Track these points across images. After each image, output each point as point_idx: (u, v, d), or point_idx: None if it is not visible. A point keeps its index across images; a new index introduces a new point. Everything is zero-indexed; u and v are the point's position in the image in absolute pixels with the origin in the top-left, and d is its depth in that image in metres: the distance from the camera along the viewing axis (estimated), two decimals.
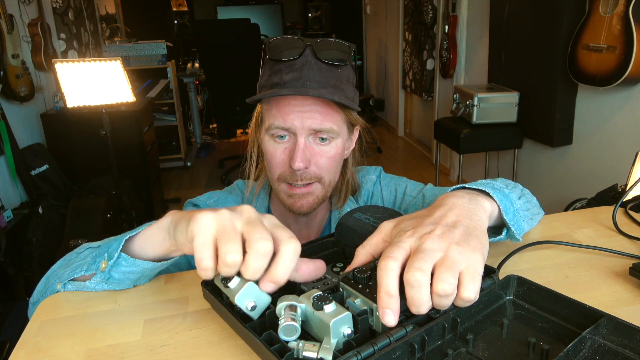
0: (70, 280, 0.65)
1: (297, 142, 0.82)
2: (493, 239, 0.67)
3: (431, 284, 0.45)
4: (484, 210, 0.58)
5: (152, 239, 0.60)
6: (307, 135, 0.82)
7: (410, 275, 0.45)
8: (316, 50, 0.81)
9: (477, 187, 0.64)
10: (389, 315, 0.45)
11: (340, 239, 0.66)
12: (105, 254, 0.62)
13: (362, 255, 0.55)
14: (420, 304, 0.45)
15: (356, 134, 0.94)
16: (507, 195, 0.67)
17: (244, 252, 0.48)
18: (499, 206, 0.63)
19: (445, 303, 0.45)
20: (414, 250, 0.48)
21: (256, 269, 0.47)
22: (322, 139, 0.84)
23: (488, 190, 0.63)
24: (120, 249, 0.60)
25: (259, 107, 0.90)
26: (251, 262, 0.47)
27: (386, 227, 0.55)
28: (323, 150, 0.84)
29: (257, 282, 0.49)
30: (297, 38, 0.82)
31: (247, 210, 0.51)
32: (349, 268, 0.55)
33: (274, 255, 0.48)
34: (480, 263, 0.47)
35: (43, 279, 0.71)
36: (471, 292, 0.45)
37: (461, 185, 0.65)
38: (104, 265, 0.61)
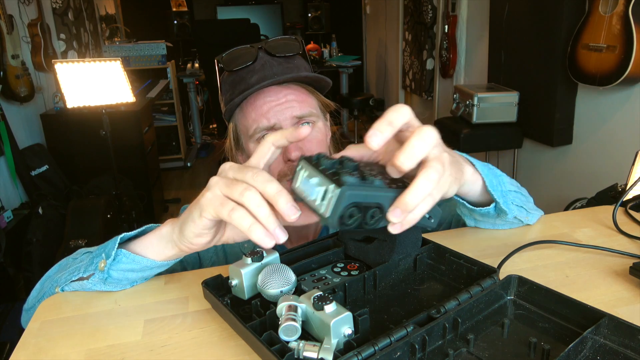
0: (69, 282, 0.65)
1: None
2: (481, 209, 0.69)
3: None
4: (467, 164, 0.62)
5: (154, 248, 0.62)
6: (292, 125, 0.84)
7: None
8: (269, 49, 0.85)
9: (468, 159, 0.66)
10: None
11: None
12: (103, 254, 0.62)
13: None
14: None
15: (329, 119, 0.95)
16: (497, 175, 0.69)
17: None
18: (483, 179, 0.65)
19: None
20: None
21: (273, 189, 0.49)
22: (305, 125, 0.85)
23: (474, 162, 0.65)
24: (116, 247, 0.61)
25: (231, 126, 0.91)
26: (265, 187, 0.49)
27: None
28: (310, 136, 0.86)
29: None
30: (246, 46, 0.86)
31: (227, 165, 0.54)
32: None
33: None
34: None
35: (37, 285, 0.71)
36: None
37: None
38: (102, 265, 0.61)
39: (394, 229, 0.47)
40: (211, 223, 0.54)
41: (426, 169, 0.46)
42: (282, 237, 0.49)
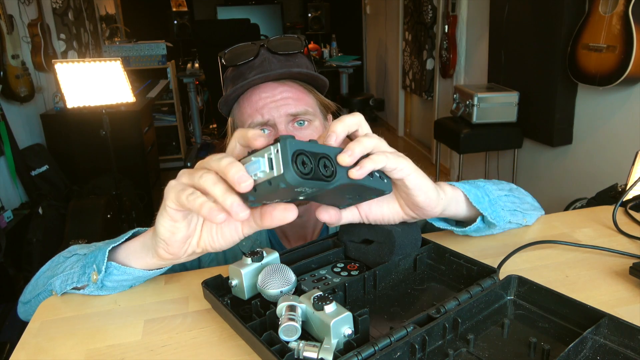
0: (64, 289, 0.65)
1: (279, 131, 0.83)
2: (470, 227, 0.70)
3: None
4: (444, 184, 0.64)
5: (137, 255, 0.61)
6: (287, 123, 0.83)
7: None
8: (270, 46, 0.86)
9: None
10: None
11: (346, 232, 0.66)
12: (94, 265, 0.61)
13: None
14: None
15: (330, 120, 0.94)
16: (480, 187, 0.70)
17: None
18: (464, 194, 0.66)
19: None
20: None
21: (238, 172, 0.46)
22: (301, 124, 0.85)
23: (451, 183, 0.67)
24: (105, 260, 0.61)
25: (230, 120, 0.91)
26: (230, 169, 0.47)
27: None
28: (306, 135, 0.85)
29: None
30: (249, 42, 0.87)
31: (199, 161, 0.53)
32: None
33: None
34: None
35: (32, 280, 0.71)
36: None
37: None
38: (95, 277, 0.61)
39: (354, 173, 0.48)
40: (177, 213, 0.52)
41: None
42: (240, 212, 0.46)
